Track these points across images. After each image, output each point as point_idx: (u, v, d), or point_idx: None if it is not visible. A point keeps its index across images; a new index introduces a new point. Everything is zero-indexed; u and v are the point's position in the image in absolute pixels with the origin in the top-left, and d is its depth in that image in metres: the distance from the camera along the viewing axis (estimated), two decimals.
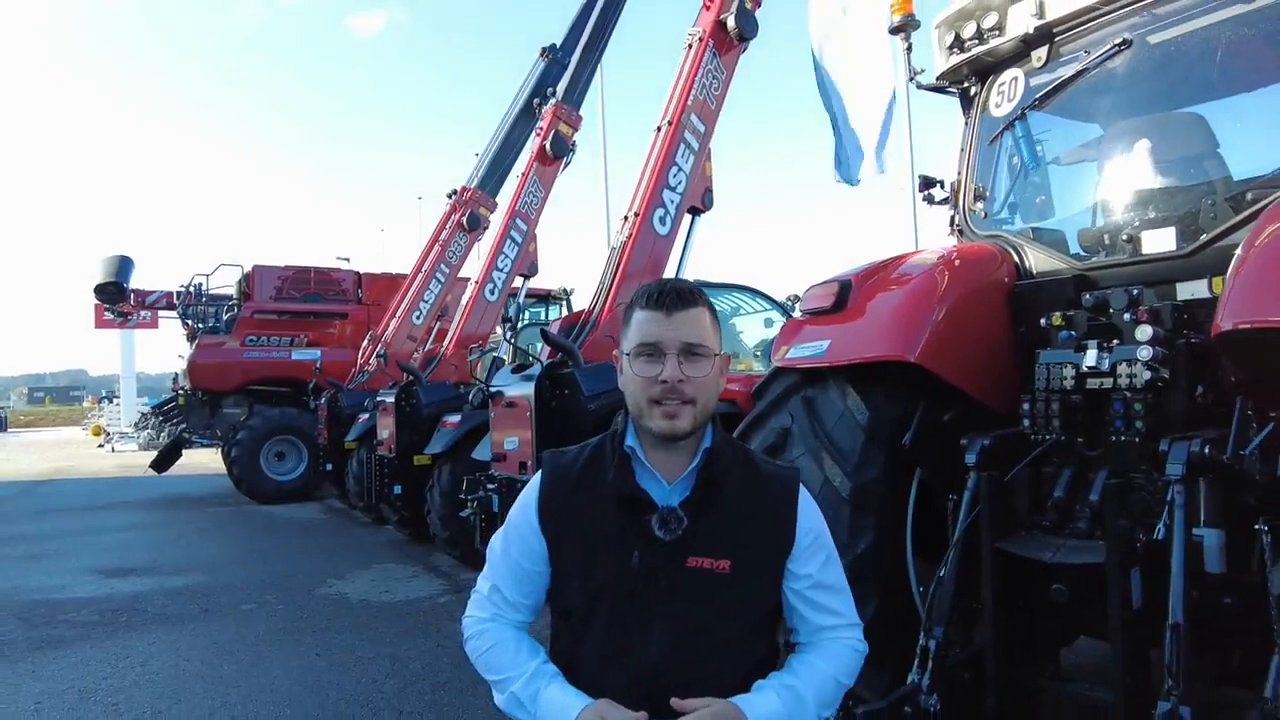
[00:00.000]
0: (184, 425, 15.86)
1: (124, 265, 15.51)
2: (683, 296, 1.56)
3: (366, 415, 10.23)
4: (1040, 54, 3.51)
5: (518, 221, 9.74)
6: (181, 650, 5.45)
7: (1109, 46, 3.21)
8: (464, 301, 10.36)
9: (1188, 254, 2.91)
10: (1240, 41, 2.95)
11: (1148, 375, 2.68)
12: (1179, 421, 2.65)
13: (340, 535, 10.37)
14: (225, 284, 15.79)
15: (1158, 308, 2.79)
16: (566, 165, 10.01)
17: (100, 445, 33.04)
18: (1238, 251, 2.35)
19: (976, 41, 3.66)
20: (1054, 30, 3.43)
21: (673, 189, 6.15)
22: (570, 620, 1.63)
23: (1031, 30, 3.45)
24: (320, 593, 7.01)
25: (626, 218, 6.19)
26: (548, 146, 9.55)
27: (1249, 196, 2.87)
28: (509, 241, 9.78)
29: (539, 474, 1.69)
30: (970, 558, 2.84)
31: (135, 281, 16.63)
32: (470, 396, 7.88)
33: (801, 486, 1.68)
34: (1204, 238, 2.87)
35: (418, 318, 11.94)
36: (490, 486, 6.27)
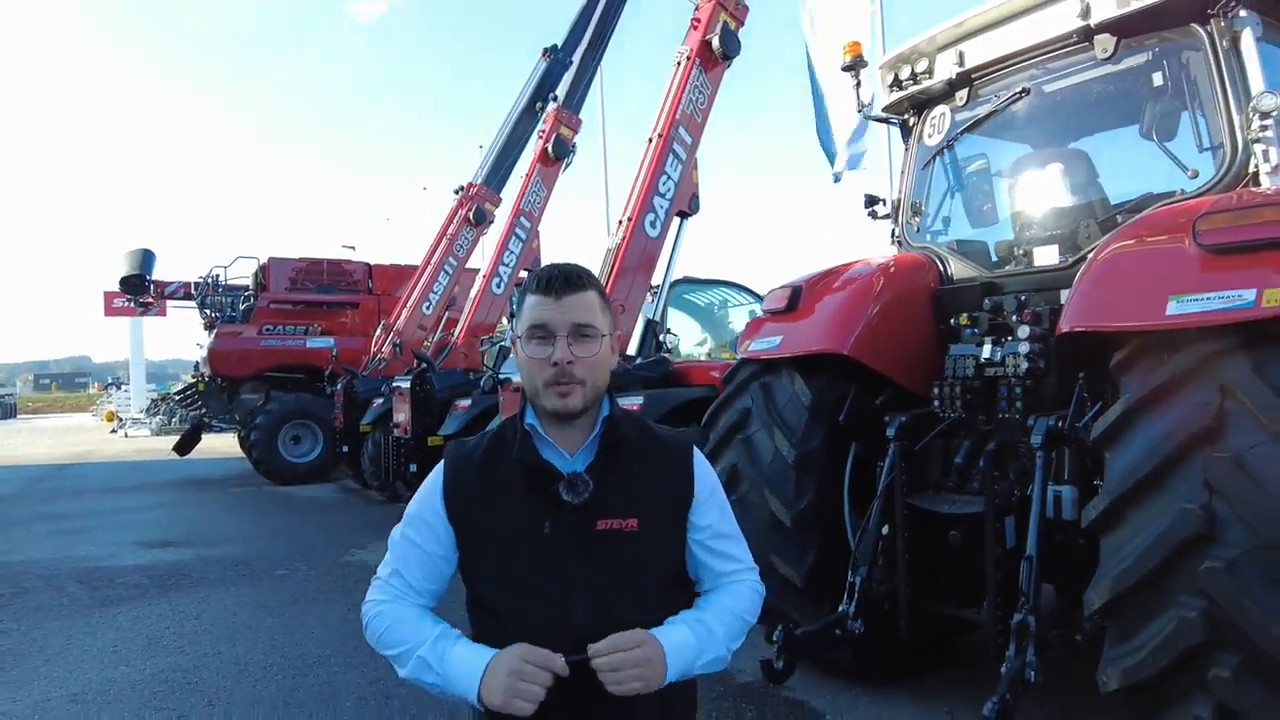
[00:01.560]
0: (204, 410, 16.58)
1: (146, 258, 16.23)
2: (571, 281, 1.59)
3: (381, 400, 10.93)
4: (962, 94, 4.18)
5: (522, 219, 10.42)
6: (228, 606, 6.18)
7: (1012, 93, 3.89)
8: (472, 294, 11.06)
9: (1068, 266, 3.58)
10: (1108, 94, 3.63)
11: (1026, 365, 3.37)
12: (1049, 402, 3.34)
13: (357, 511, 11.11)
14: (242, 275, 16.48)
15: (1039, 310, 3.48)
16: (567, 166, 10.66)
17: (113, 431, 33.67)
18: (1083, 266, 3.04)
19: (912, 82, 4.33)
20: (972, 76, 4.10)
21: (662, 195, 6.81)
22: (488, 602, 1.62)
23: (954, 75, 4.12)
24: (345, 560, 7.74)
25: (621, 222, 6.85)
26: (549, 149, 10.22)
27: (1118, 219, 3.54)
28: (514, 238, 10.47)
29: (440, 464, 1.72)
30: (889, 511, 3.54)
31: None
32: (481, 382, 8.57)
33: (695, 448, 1.75)
34: (1080, 253, 3.54)
35: (427, 308, 12.62)
36: None
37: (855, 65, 4.54)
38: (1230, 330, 2.44)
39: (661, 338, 7.03)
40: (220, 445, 20.24)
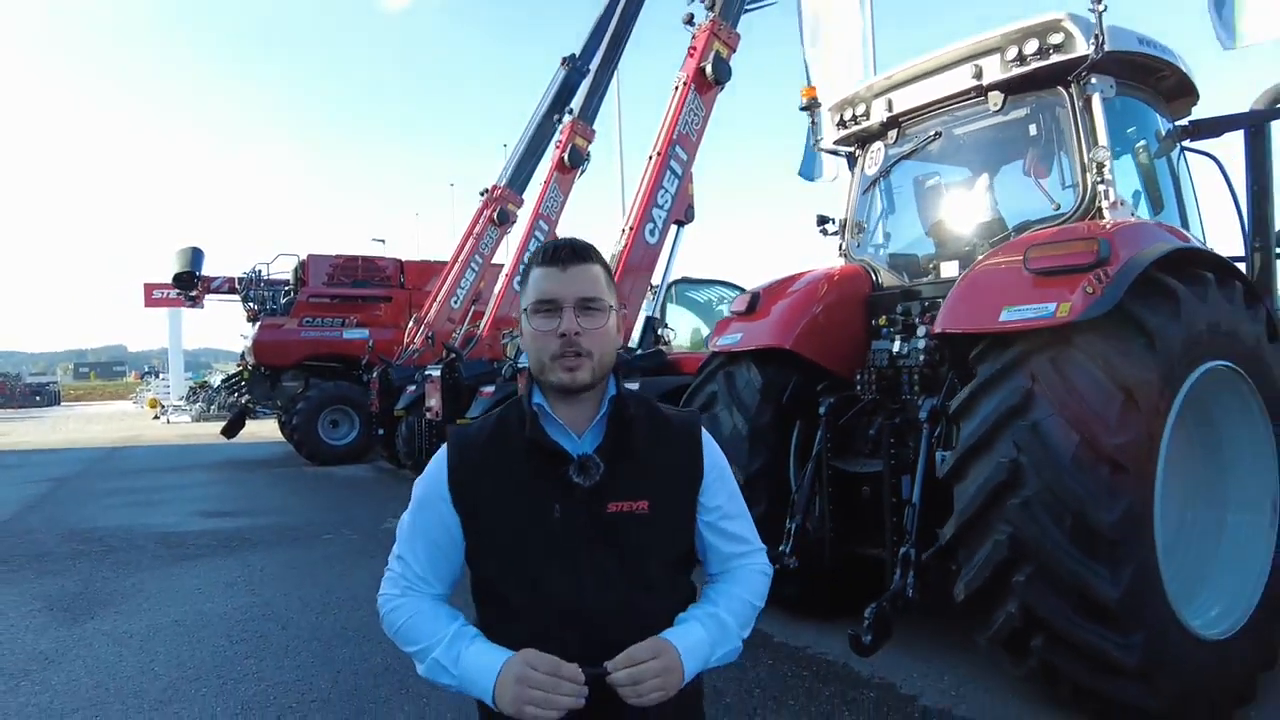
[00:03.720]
0: (247, 397, 17.81)
1: (196, 256, 17.51)
2: (577, 252, 1.58)
3: (414, 387, 11.97)
4: (892, 134, 5.06)
5: (541, 223, 11.40)
6: (286, 563, 7.22)
7: (927, 135, 4.77)
8: (496, 290, 12.07)
9: None
10: (1001, 138, 4.51)
11: (923, 358, 4.26)
12: (939, 387, 4.22)
13: (393, 487, 12.18)
14: (283, 270, 17.66)
15: (937, 314, 4.36)
16: (582, 173, 11.60)
17: (155, 417, 35.11)
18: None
19: (854, 122, 5.21)
20: (899, 119, 4.97)
21: (660, 207, 7.73)
22: (495, 587, 1.60)
23: (884, 118, 5.00)
24: (385, 526, 8.78)
25: (623, 230, 7.79)
26: (565, 158, 11.17)
27: (1011, 239, 4.41)
28: (534, 240, 11.43)
29: (444, 447, 1.68)
30: (820, 472, 4.46)
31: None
32: (503, 371, 9.56)
33: (702, 428, 1.73)
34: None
35: (455, 302, 13.66)
36: None
37: (811, 106, 5.45)
38: (1039, 333, 3.32)
39: (660, 332, 7.97)
40: (261, 430, 21.49)
